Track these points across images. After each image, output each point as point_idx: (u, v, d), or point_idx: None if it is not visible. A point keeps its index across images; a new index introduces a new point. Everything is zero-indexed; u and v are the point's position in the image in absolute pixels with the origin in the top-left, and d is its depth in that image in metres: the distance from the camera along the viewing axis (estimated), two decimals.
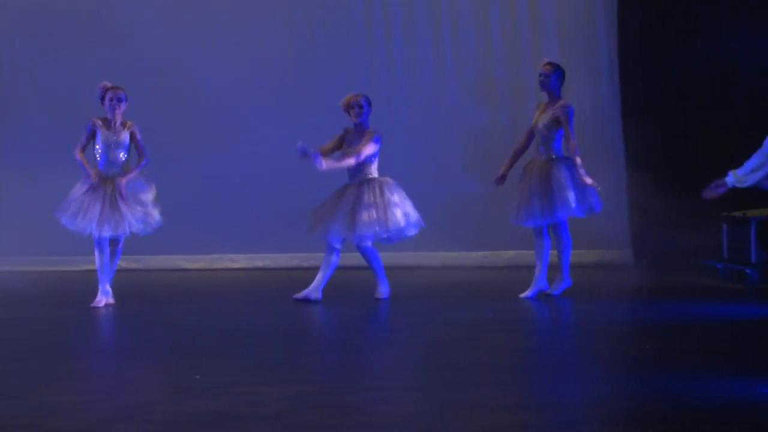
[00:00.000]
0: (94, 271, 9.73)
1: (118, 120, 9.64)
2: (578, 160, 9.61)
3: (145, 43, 12.22)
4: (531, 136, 9.96)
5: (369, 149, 9.67)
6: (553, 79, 9.79)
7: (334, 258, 9.76)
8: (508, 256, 11.95)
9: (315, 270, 9.97)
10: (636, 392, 6.28)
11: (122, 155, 9.66)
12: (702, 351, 7.45)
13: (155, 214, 9.72)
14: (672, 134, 11.85)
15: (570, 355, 7.57)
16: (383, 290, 9.85)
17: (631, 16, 12.12)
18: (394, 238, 9.76)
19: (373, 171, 9.78)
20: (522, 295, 9.84)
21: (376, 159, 9.79)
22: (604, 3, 12.47)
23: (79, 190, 9.62)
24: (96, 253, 9.63)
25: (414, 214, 9.75)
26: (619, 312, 9.53)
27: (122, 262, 12.28)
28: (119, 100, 9.61)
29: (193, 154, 12.28)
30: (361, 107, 9.74)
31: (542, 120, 9.80)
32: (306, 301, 9.72)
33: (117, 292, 9.88)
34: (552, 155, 9.79)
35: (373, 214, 9.60)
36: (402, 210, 9.69)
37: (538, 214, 9.72)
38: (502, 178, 9.94)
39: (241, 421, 5.69)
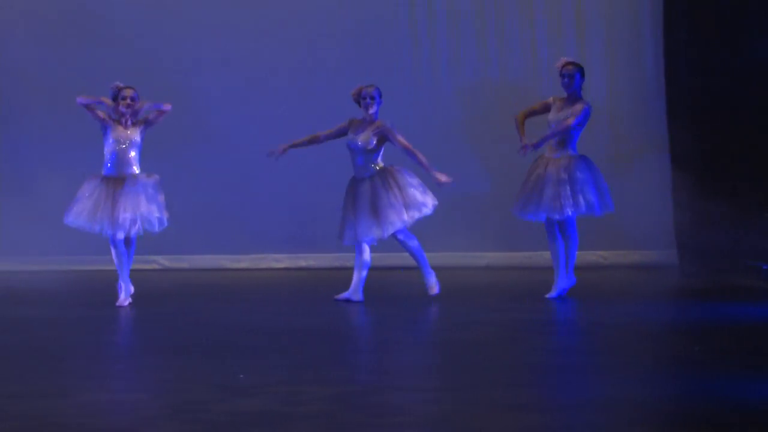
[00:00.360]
0: (108, 270, 9.67)
1: (130, 119, 9.71)
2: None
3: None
4: (542, 111, 9.82)
5: (401, 136, 9.64)
6: (577, 78, 9.74)
7: (365, 256, 9.75)
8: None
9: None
10: (678, 393, 6.25)
11: (132, 153, 9.70)
12: (745, 352, 7.40)
13: (164, 216, 9.72)
14: (718, 134, 11.75)
15: (610, 356, 7.53)
16: (430, 283, 9.79)
17: (677, 15, 12.03)
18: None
19: (380, 162, 9.76)
20: (546, 296, 9.82)
21: (383, 149, 9.75)
22: (651, 1, 12.40)
23: (86, 190, 9.67)
24: (113, 252, 9.64)
25: (429, 197, 9.66)
26: (662, 313, 9.49)
27: (166, 261, 12.40)
28: (132, 99, 9.67)
29: (237, 154, 12.30)
30: (373, 98, 9.70)
31: (560, 118, 9.72)
32: (347, 302, 9.73)
33: (161, 291, 9.92)
34: (569, 153, 9.73)
35: (397, 213, 9.54)
36: (418, 198, 9.64)
37: (549, 208, 9.63)
38: (526, 147, 9.66)
39: (283, 420, 5.72)
